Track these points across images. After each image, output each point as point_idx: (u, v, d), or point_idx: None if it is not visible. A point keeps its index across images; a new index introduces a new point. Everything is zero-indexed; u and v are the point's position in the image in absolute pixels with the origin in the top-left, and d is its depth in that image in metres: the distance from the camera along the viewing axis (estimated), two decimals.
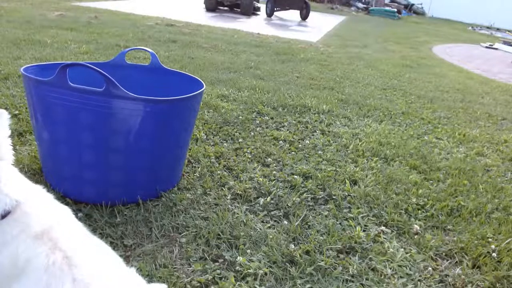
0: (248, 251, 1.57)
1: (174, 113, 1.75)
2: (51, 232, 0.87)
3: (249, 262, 1.50)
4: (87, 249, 0.91)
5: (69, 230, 0.93)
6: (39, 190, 1.00)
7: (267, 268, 1.49)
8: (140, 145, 1.69)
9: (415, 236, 1.78)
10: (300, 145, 2.60)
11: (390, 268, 1.57)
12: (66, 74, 1.50)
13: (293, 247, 1.61)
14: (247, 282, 1.42)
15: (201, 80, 2.01)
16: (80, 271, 0.82)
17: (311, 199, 2.00)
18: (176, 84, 2.15)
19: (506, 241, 1.79)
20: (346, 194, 2.06)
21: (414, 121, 3.37)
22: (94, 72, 1.50)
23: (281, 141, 2.62)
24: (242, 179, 2.09)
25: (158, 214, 1.72)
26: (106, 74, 1.48)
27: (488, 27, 16.03)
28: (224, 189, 1.98)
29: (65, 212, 1.01)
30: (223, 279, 1.42)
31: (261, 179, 2.10)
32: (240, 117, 2.94)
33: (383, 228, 1.82)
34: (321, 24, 10.43)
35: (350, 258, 1.60)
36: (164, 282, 1.36)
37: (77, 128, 1.59)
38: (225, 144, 2.49)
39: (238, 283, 1.41)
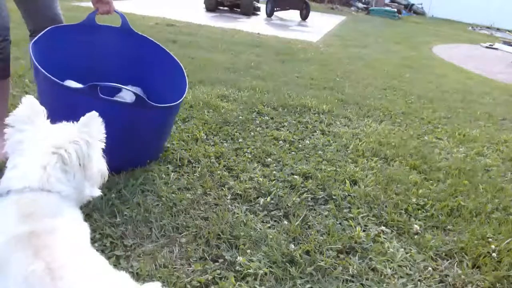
0: (248, 251, 1.57)
1: (173, 114, 2.18)
2: (41, 237, 0.83)
3: (249, 262, 1.50)
4: (78, 260, 0.86)
5: (64, 239, 0.88)
6: (52, 194, 0.96)
7: (267, 268, 1.49)
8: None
9: (415, 236, 1.79)
10: (300, 145, 2.60)
11: (390, 268, 1.57)
12: (97, 91, 1.71)
13: (293, 247, 1.61)
14: (247, 282, 1.42)
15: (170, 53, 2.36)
16: (65, 284, 0.77)
17: (311, 199, 2.00)
18: (150, 54, 2.40)
19: (506, 241, 1.79)
20: (346, 194, 2.06)
21: (414, 121, 3.37)
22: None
23: (281, 141, 2.62)
24: (242, 179, 2.09)
25: (158, 214, 1.73)
26: (139, 94, 1.81)
27: (488, 27, 16.02)
28: (224, 189, 1.99)
29: (72, 217, 0.97)
30: (223, 279, 1.42)
31: (261, 179, 2.10)
32: (240, 117, 2.94)
33: (383, 228, 1.82)
34: (321, 24, 10.42)
35: (350, 258, 1.60)
36: (164, 282, 1.36)
37: None
38: (225, 144, 2.49)
39: (238, 283, 1.41)
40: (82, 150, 0.99)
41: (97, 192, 1.09)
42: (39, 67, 1.75)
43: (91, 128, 1.02)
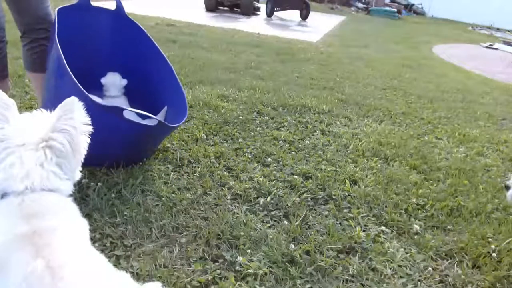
0: (248, 251, 1.57)
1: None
2: (42, 236, 0.82)
3: (249, 262, 1.50)
4: (78, 260, 0.85)
5: (65, 238, 0.87)
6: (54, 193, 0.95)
7: (267, 268, 1.49)
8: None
9: (415, 236, 1.79)
10: (300, 145, 2.60)
11: (390, 268, 1.57)
12: (122, 114, 1.77)
13: (293, 247, 1.61)
14: (247, 282, 1.42)
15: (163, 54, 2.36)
16: (66, 284, 0.76)
17: (311, 199, 2.00)
18: (139, 40, 2.40)
19: (506, 241, 1.79)
20: (346, 194, 2.06)
21: (414, 121, 3.37)
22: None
23: (281, 141, 2.62)
24: (242, 179, 2.09)
25: (158, 214, 1.72)
26: (163, 121, 1.94)
27: (488, 27, 16.02)
28: (224, 189, 1.98)
29: (71, 214, 0.97)
30: (223, 279, 1.42)
31: (261, 179, 2.10)
32: (240, 117, 2.94)
33: (383, 228, 1.82)
34: (321, 24, 10.42)
35: (350, 258, 1.60)
36: (164, 282, 1.36)
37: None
38: (225, 144, 2.49)
39: (238, 283, 1.41)
40: (72, 137, 0.96)
41: (79, 175, 1.08)
42: (71, 73, 1.72)
43: (74, 113, 0.98)
